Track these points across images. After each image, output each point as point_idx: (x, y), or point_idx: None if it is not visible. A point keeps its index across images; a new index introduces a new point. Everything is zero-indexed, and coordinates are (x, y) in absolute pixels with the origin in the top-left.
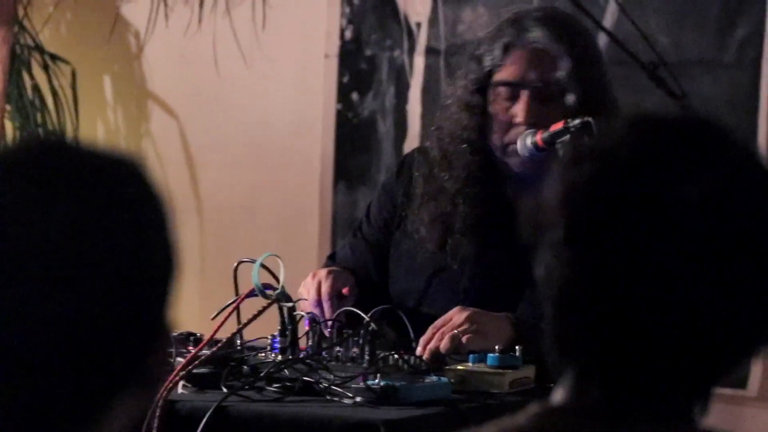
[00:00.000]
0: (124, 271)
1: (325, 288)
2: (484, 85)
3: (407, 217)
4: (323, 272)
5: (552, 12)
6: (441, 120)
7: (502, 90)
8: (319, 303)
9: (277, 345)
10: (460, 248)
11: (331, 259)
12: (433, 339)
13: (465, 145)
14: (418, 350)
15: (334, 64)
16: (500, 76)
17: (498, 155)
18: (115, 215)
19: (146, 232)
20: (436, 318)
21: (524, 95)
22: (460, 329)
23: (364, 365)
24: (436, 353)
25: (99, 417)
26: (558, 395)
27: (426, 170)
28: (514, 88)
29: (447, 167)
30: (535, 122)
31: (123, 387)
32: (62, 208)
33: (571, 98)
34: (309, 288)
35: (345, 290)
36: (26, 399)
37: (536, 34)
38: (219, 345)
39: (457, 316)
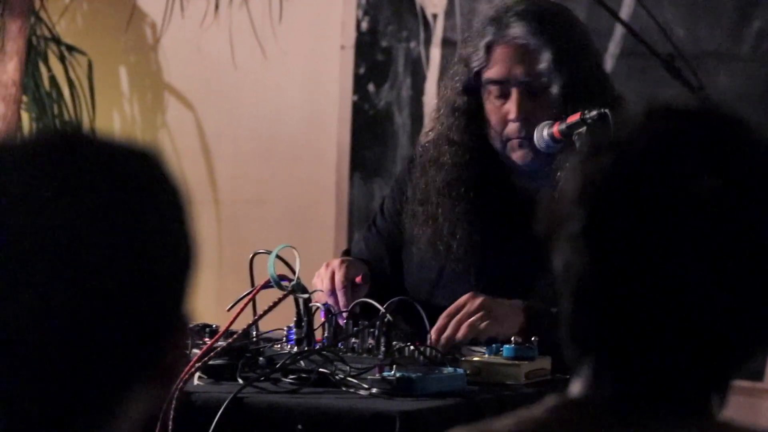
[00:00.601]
0: (142, 264)
1: (338, 277)
2: (474, 85)
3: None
4: (336, 262)
5: (531, 5)
6: (429, 124)
7: (493, 88)
8: (333, 292)
9: (293, 336)
10: (454, 248)
11: (346, 254)
12: (448, 327)
13: (453, 147)
14: (432, 338)
15: (350, 55)
16: (488, 74)
17: (500, 152)
18: (132, 207)
19: (164, 224)
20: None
21: (514, 92)
22: (475, 317)
23: (380, 356)
24: (452, 342)
25: (115, 411)
26: (575, 388)
27: (419, 173)
28: (503, 86)
29: (436, 169)
30: (526, 117)
31: (139, 381)
32: (79, 200)
33: (555, 89)
34: (323, 278)
35: (358, 279)
36: (41, 394)
37: (516, 30)
38: (235, 336)
39: (470, 302)
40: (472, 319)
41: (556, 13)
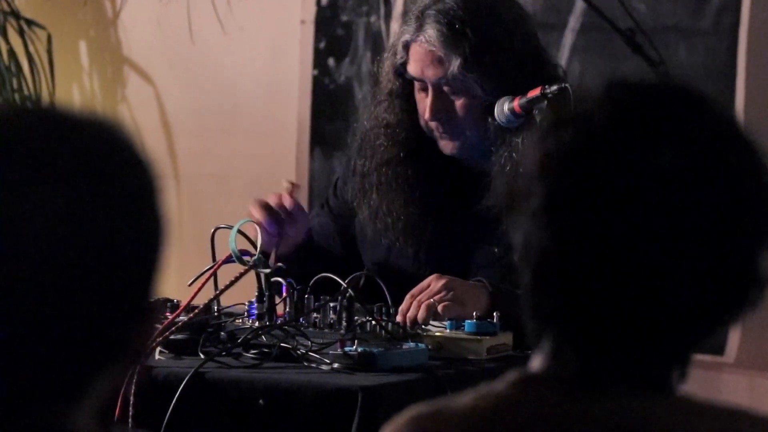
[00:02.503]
0: (110, 241)
1: (269, 198)
2: (402, 73)
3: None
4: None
5: (450, 6)
6: (367, 109)
7: (415, 83)
8: (267, 209)
9: (255, 311)
10: (390, 224)
11: None
12: (411, 308)
13: (384, 129)
14: (398, 319)
15: (310, 30)
16: (408, 69)
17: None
18: (100, 181)
19: (133, 200)
20: (401, 285)
21: (430, 91)
22: (436, 297)
23: (342, 331)
24: (413, 322)
25: (83, 392)
26: (536, 363)
27: (359, 153)
28: (422, 82)
29: (369, 153)
30: (440, 117)
31: (107, 362)
32: (43, 176)
33: (471, 92)
34: (253, 210)
35: (285, 185)
36: (8, 376)
37: (428, 33)
38: (196, 311)
39: (434, 283)
40: (431, 300)
41: (474, 10)
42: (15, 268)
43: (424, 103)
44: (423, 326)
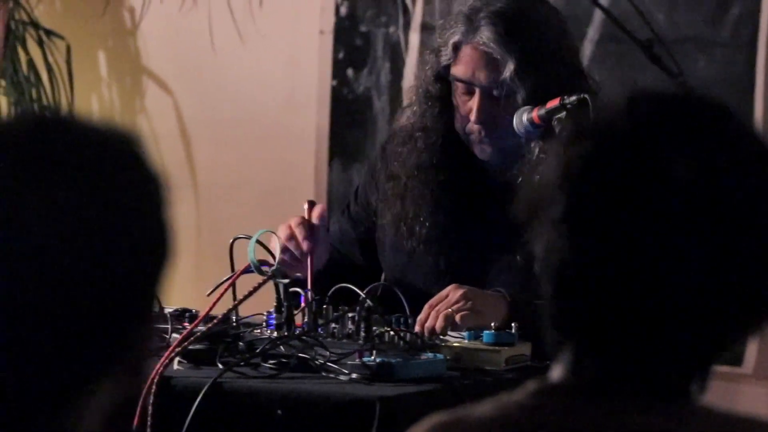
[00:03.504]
0: (116, 251)
1: (294, 221)
2: (444, 75)
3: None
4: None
5: (504, 8)
6: (403, 111)
7: (458, 85)
8: (292, 237)
9: (273, 321)
10: (422, 234)
11: None
12: (429, 318)
13: (422, 132)
14: (416, 329)
15: (329, 40)
16: (454, 71)
17: (464, 141)
18: (109, 193)
19: (141, 212)
20: (421, 293)
21: (477, 94)
22: (454, 307)
23: (360, 342)
24: (432, 332)
25: (81, 401)
26: (555, 373)
27: (389, 158)
28: (468, 85)
29: (403, 157)
30: (485, 120)
31: (108, 369)
32: (56, 184)
33: (519, 96)
34: (279, 234)
35: (316, 214)
36: (8, 384)
37: (483, 35)
38: (215, 321)
39: (452, 293)
40: (449, 309)
41: (528, 16)
42: (16, 271)
43: (467, 106)
44: (441, 336)
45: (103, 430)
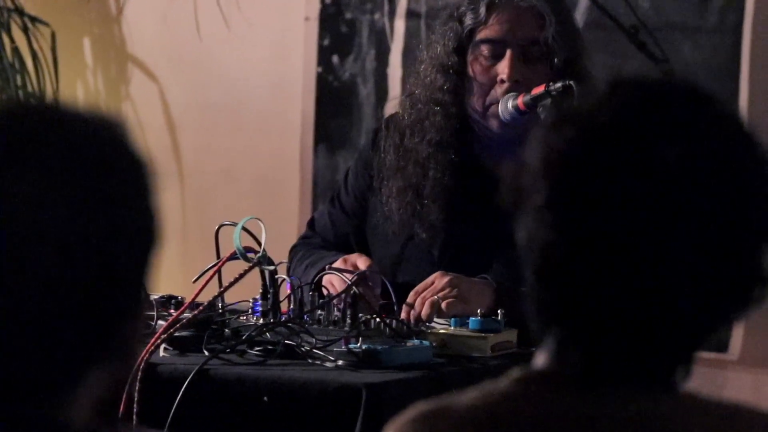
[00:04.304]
0: (103, 238)
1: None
2: (464, 45)
3: (380, 187)
4: (356, 260)
5: None
6: (414, 85)
7: (485, 48)
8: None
9: (259, 308)
10: (430, 215)
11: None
12: (415, 305)
13: (438, 108)
14: (402, 315)
15: (314, 27)
16: (483, 34)
17: (478, 118)
18: (95, 180)
19: (126, 198)
20: (412, 285)
21: (508, 53)
22: (440, 294)
23: (346, 329)
24: (418, 319)
25: (72, 388)
26: (540, 360)
27: (397, 139)
28: (498, 46)
29: (419, 132)
30: (519, 80)
31: (97, 357)
32: (42, 171)
33: (555, 59)
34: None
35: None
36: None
37: None
38: (200, 308)
39: (438, 280)
40: (435, 296)
41: None
42: (5, 262)
43: (489, 72)
44: (427, 323)
45: (93, 417)
